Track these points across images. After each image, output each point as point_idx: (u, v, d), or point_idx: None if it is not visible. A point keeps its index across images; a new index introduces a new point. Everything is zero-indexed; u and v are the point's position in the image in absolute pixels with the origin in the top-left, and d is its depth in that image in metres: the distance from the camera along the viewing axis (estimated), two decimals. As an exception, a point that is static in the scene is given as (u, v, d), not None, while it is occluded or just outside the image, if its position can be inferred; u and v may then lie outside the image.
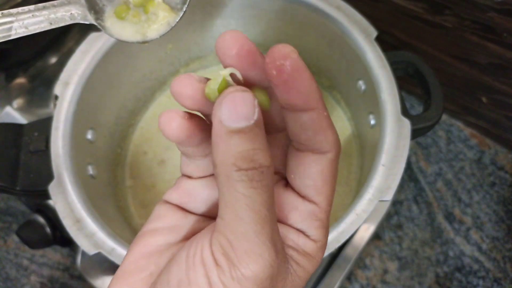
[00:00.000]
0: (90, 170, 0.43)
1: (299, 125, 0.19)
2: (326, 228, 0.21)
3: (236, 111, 0.17)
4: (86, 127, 0.44)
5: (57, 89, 0.41)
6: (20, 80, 0.54)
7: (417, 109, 0.62)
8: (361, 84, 0.44)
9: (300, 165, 0.20)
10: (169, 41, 0.50)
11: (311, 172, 0.19)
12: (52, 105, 0.51)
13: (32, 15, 0.29)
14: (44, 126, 0.40)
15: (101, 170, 0.45)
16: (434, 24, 0.52)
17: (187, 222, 0.22)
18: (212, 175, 0.22)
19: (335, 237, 0.34)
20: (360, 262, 0.55)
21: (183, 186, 0.22)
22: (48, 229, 0.48)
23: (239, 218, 0.17)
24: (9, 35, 0.28)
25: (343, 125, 0.52)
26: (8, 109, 0.51)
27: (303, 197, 0.20)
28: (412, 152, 0.60)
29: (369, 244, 0.55)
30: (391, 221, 0.57)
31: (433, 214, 0.57)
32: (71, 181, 0.38)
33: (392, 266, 0.55)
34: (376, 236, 0.56)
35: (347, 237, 0.34)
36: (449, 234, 0.56)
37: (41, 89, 0.53)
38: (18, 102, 0.52)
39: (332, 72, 0.51)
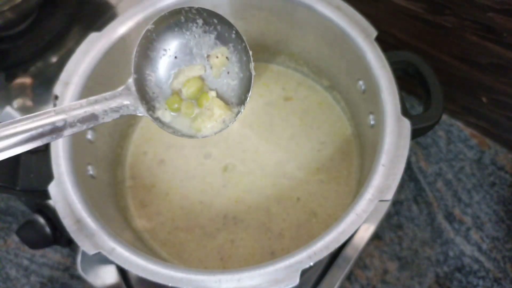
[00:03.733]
0: (90, 170, 0.43)
1: None
2: None
3: None
4: (86, 127, 0.44)
5: (57, 89, 0.41)
6: (20, 80, 0.54)
7: (417, 109, 0.62)
8: (361, 84, 0.44)
9: None
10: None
11: None
12: (52, 105, 0.51)
13: (85, 112, 0.28)
14: (44, 126, 0.40)
15: (101, 170, 0.45)
16: (434, 24, 0.52)
17: None
18: None
19: (335, 237, 0.34)
20: (360, 262, 0.55)
21: None
22: (48, 229, 0.48)
23: None
24: (61, 135, 0.27)
25: (343, 125, 0.52)
26: (8, 109, 0.51)
27: None
28: (412, 152, 0.60)
29: (369, 244, 0.55)
30: (391, 221, 0.57)
31: (433, 214, 0.57)
32: (71, 181, 0.38)
33: (392, 266, 0.55)
34: (376, 236, 0.56)
35: (347, 237, 0.34)
36: (449, 234, 0.56)
37: (41, 89, 0.53)
38: (18, 102, 0.52)
39: (332, 72, 0.51)
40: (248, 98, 0.32)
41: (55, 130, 0.26)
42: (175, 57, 0.32)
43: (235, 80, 0.33)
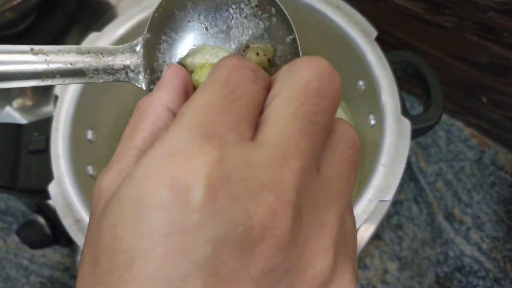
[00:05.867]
0: (90, 170, 0.43)
1: None
2: None
3: None
4: (86, 127, 0.44)
5: (57, 89, 0.41)
6: (20, 80, 0.54)
7: (417, 109, 0.62)
8: (361, 84, 0.44)
9: None
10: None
11: None
12: (52, 105, 0.51)
13: (70, 61, 0.21)
14: (44, 126, 0.40)
15: (101, 170, 0.45)
16: (435, 24, 0.52)
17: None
18: None
19: (335, 237, 0.34)
20: (360, 262, 0.55)
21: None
22: (48, 229, 0.48)
23: None
24: (29, 83, 0.20)
25: (343, 125, 0.52)
26: (8, 109, 0.51)
27: None
28: (412, 152, 0.60)
29: (369, 244, 0.55)
30: (391, 221, 0.57)
31: (433, 214, 0.57)
32: (71, 181, 0.38)
33: (392, 266, 0.55)
34: (376, 236, 0.56)
35: (347, 237, 0.34)
36: (449, 234, 0.56)
37: (41, 89, 0.53)
38: (18, 102, 0.52)
39: (332, 72, 0.51)
40: None
41: (26, 74, 0.20)
42: (206, 29, 0.25)
43: None
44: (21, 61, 0.20)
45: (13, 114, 0.51)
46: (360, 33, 0.42)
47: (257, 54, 0.25)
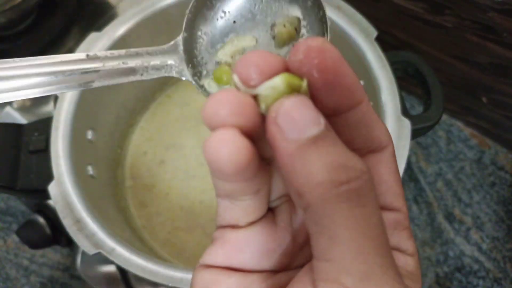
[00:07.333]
0: (90, 170, 0.43)
1: (351, 128, 0.16)
2: (413, 237, 0.17)
3: (298, 118, 0.14)
4: (86, 127, 0.44)
5: (57, 89, 0.41)
6: (20, 80, 0.54)
7: (417, 109, 0.62)
8: (362, 84, 0.44)
9: None
10: (170, 40, 0.50)
11: (383, 176, 0.17)
12: (52, 105, 0.51)
13: (123, 62, 0.24)
14: (44, 126, 0.40)
15: (101, 170, 0.45)
16: (434, 24, 0.52)
17: (250, 284, 0.17)
18: (263, 217, 0.18)
19: (335, 237, 0.34)
20: (360, 262, 0.55)
21: (229, 241, 0.17)
22: (48, 229, 0.48)
23: (358, 253, 0.13)
24: (90, 85, 0.23)
25: (343, 125, 0.52)
26: (8, 109, 0.51)
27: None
28: (412, 152, 0.60)
29: (369, 244, 0.55)
30: (391, 221, 0.57)
31: (433, 214, 0.57)
32: (71, 181, 0.38)
33: (392, 266, 0.55)
34: (376, 236, 0.56)
35: (347, 237, 0.34)
36: (449, 234, 0.56)
37: (41, 89, 0.53)
38: (18, 102, 0.52)
39: (332, 72, 0.51)
40: None
41: (85, 79, 0.23)
42: (234, 22, 0.27)
43: None
44: (77, 69, 0.23)
45: (13, 114, 0.51)
46: (360, 33, 0.42)
47: (284, 26, 0.27)
